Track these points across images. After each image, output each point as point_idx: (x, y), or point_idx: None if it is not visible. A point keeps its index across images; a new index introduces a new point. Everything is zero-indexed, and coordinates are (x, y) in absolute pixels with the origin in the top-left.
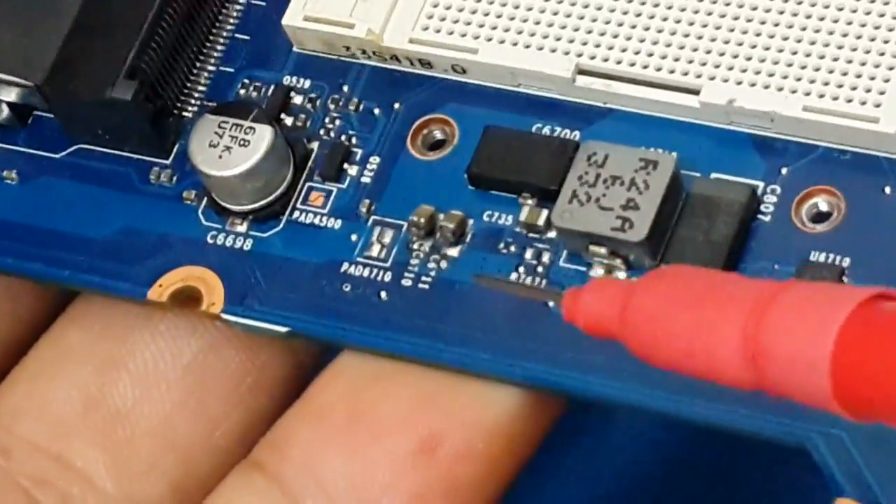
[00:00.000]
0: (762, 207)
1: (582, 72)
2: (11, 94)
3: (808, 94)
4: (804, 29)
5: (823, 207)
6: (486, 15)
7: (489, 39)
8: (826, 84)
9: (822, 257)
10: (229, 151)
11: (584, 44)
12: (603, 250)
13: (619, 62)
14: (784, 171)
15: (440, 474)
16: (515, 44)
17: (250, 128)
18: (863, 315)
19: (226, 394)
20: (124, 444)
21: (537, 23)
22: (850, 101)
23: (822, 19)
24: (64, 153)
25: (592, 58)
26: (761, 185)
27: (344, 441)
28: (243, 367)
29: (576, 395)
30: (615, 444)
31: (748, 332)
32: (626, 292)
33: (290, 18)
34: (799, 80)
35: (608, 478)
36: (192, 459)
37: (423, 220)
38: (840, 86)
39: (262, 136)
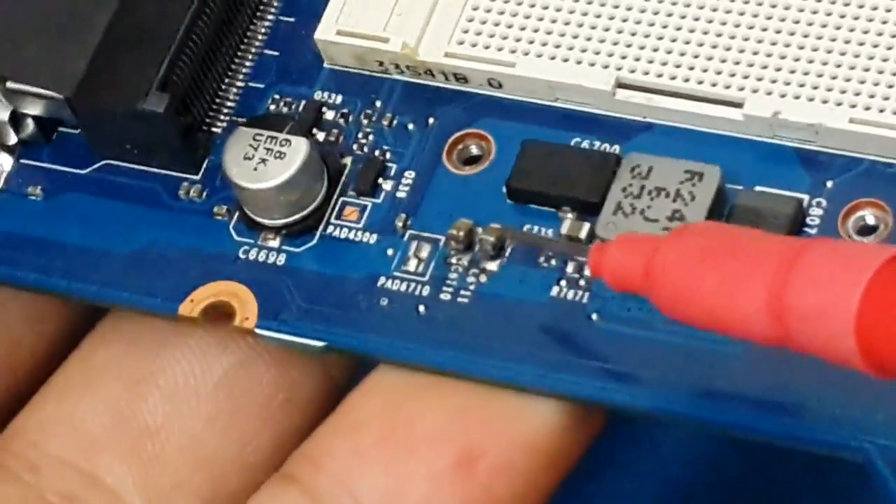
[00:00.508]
0: (808, 220)
1: (622, 85)
2: (38, 108)
3: (853, 106)
4: (848, 42)
5: (870, 221)
6: (523, 29)
7: (526, 53)
8: (872, 97)
9: None
10: (265, 164)
11: (624, 57)
12: None
13: (659, 75)
14: (829, 184)
15: (478, 489)
16: (553, 57)
17: (286, 140)
18: (889, 272)
19: (257, 410)
20: (154, 460)
21: (576, 36)
22: None
23: (866, 32)
24: (90, 169)
25: (632, 71)
26: (806, 198)
27: (380, 455)
28: (275, 384)
29: (619, 408)
30: (657, 452)
31: (774, 287)
32: (652, 247)
33: (323, 33)
34: (844, 92)
35: (649, 487)
36: (223, 476)
37: (462, 234)
38: (886, 98)
39: (298, 149)
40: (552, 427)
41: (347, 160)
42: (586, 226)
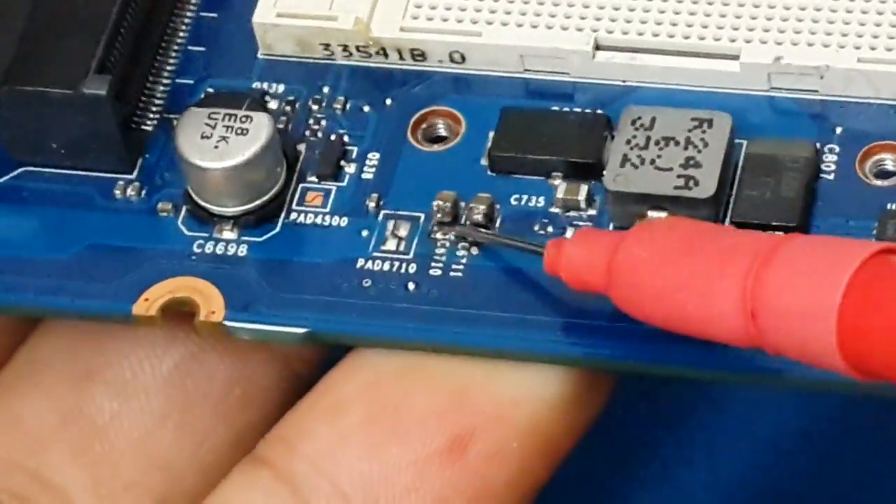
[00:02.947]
0: (823, 167)
1: (601, 47)
2: None
3: (858, 47)
4: None
5: (889, 166)
6: None
7: (490, 23)
8: (876, 37)
9: None
10: (226, 141)
11: (598, 19)
12: (663, 214)
13: (641, 33)
14: (838, 129)
15: (469, 476)
16: (522, 24)
17: (246, 116)
18: (871, 269)
19: (212, 405)
20: (103, 459)
21: None
22: None
23: None
24: (6, 178)
25: (611, 32)
26: (817, 144)
27: (363, 438)
28: (230, 377)
29: (641, 367)
30: (749, 426)
31: (748, 285)
32: (613, 243)
33: (262, 16)
34: (846, 35)
35: (740, 463)
36: (178, 476)
37: (448, 205)
38: (893, 36)
39: (261, 123)
40: (550, 407)
41: (301, 147)
42: (584, 187)
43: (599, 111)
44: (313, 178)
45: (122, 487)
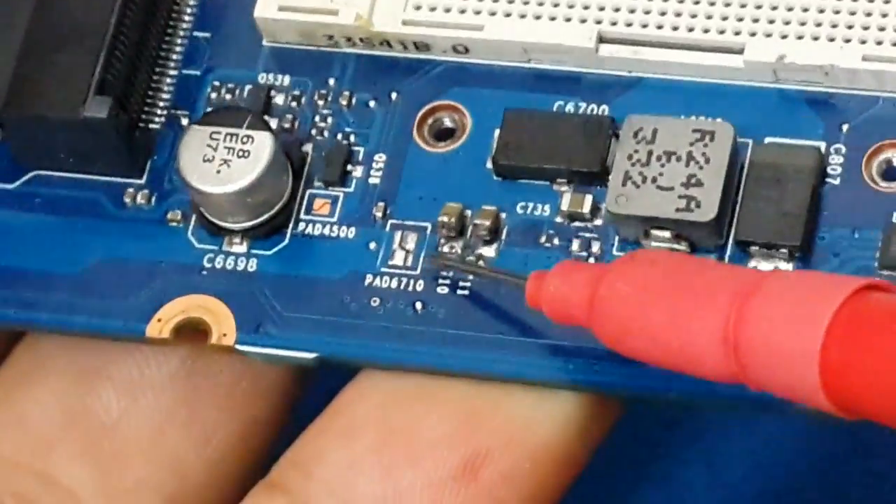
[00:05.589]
0: (829, 170)
1: (605, 40)
2: None
3: (864, 41)
4: None
5: None
6: None
7: (493, 13)
8: (882, 29)
9: None
10: (228, 165)
11: (603, 8)
12: (666, 234)
13: (645, 25)
14: (845, 127)
15: (482, 498)
16: (524, 15)
17: (247, 136)
18: (854, 306)
19: (218, 401)
20: (111, 458)
21: None
22: None
23: None
24: (18, 183)
25: (615, 23)
26: (823, 145)
27: (376, 462)
28: (236, 371)
29: (644, 394)
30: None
31: (730, 322)
32: (595, 277)
33: (263, 10)
34: (851, 27)
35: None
36: (186, 473)
37: (452, 220)
38: None
39: (263, 144)
40: (562, 427)
41: (308, 147)
42: (588, 198)
43: (602, 109)
44: (320, 184)
45: (132, 486)
